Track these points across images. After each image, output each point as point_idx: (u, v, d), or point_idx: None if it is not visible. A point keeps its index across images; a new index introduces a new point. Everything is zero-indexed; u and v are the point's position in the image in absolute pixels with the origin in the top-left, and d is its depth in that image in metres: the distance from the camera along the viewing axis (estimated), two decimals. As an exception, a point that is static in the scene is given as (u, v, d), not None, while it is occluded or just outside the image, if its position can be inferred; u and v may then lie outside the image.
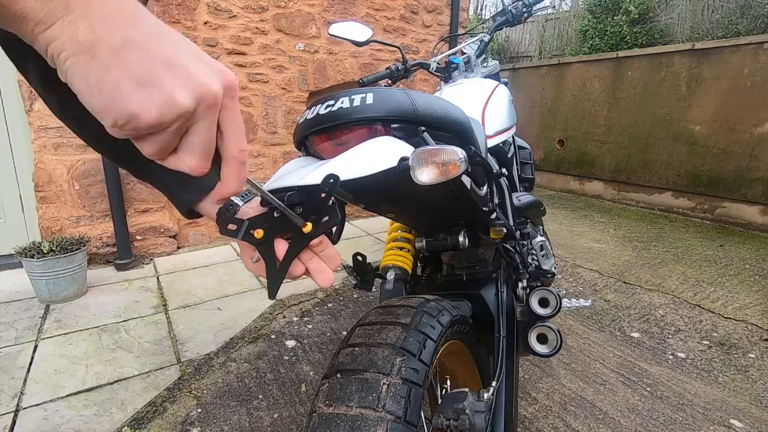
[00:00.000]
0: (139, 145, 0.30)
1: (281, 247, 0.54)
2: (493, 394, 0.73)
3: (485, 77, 1.48)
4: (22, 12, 0.24)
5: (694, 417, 1.43)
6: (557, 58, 5.54)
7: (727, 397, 1.54)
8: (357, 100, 0.61)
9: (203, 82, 0.29)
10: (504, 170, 1.19)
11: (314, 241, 0.50)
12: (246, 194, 0.57)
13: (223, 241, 3.13)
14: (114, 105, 0.26)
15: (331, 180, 0.50)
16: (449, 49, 2.03)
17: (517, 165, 1.48)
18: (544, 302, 0.96)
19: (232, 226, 0.54)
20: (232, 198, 0.53)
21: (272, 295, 0.54)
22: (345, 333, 1.69)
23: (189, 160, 0.31)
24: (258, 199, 0.57)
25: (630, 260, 2.81)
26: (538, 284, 1.03)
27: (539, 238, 1.23)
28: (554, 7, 6.91)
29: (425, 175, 0.56)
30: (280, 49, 3.15)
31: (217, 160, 0.35)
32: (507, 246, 1.02)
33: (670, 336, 1.94)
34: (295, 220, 0.50)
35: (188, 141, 0.31)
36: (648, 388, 1.58)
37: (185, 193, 0.53)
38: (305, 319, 2.06)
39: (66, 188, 2.53)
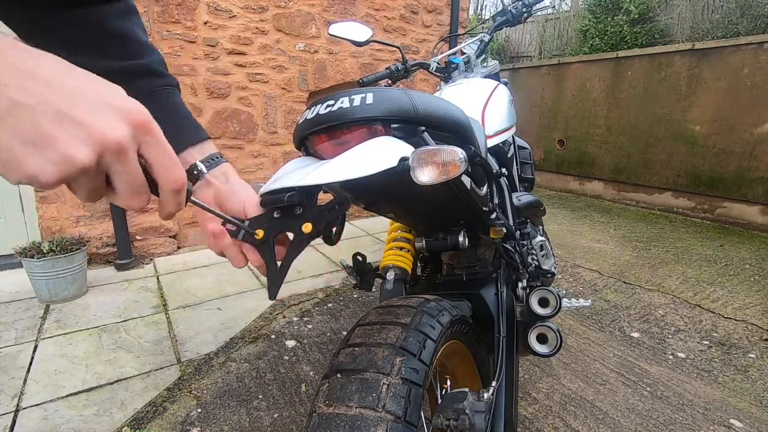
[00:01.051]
0: (70, 189, 0.30)
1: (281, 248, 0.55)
2: (493, 394, 0.73)
3: (485, 77, 1.48)
4: None
5: (694, 417, 1.43)
6: (557, 58, 5.54)
7: (727, 397, 1.54)
8: (357, 100, 0.61)
9: (101, 131, 0.27)
10: (504, 170, 1.19)
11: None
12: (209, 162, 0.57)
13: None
14: (11, 168, 0.25)
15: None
16: (449, 49, 2.04)
17: (517, 165, 1.48)
18: (544, 302, 0.96)
19: (231, 227, 0.54)
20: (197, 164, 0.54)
21: (272, 295, 0.54)
22: (345, 333, 1.69)
23: (122, 201, 0.32)
24: (258, 199, 0.57)
25: (630, 260, 2.81)
26: (538, 284, 1.03)
27: (539, 238, 1.23)
28: (554, 7, 6.91)
29: (425, 175, 0.56)
30: (280, 49, 3.15)
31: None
32: (507, 246, 1.02)
33: (670, 336, 1.94)
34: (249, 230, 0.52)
35: (114, 184, 0.31)
36: (648, 388, 1.58)
37: None
38: (305, 319, 2.06)
39: (66, 188, 2.53)
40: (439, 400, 0.73)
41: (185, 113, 0.57)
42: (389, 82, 1.54)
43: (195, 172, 0.54)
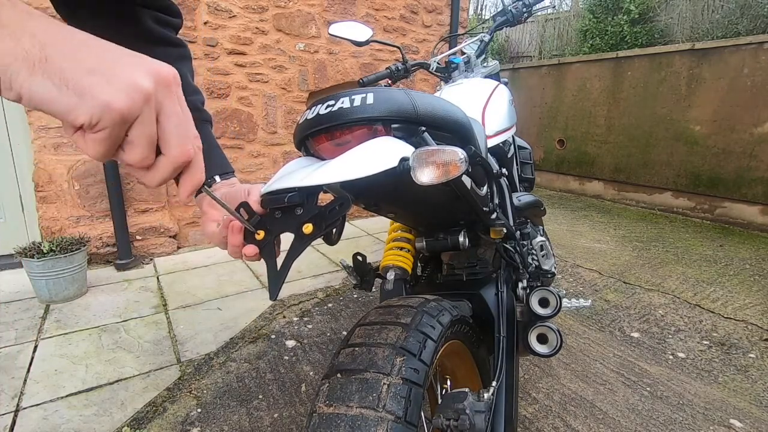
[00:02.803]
0: (87, 146, 0.31)
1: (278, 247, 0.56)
2: (493, 394, 0.73)
3: (485, 77, 1.48)
4: None
5: (694, 417, 1.43)
6: (557, 58, 5.54)
7: (727, 397, 1.54)
8: (357, 100, 0.61)
9: (155, 66, 0.32)
10: (504, 170, 1.19)
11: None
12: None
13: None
14: (84, 99, 0.28)
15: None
16: (449, 49, 2.03)
17: (517, 165, 1.48)
18: (544, 302, 0.96)
19: (244, 213, 0.54)
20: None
21: (273, 296, 0.54)
22: (345, 333, 1.69)
23: (136, 155, 0.33)
24: (257, 197, 0.57)
25: (630, 260, 2.81)
26: (538, 284, 1.03)
27: (539, 238, 1.23)
28: (554, 7, 6.90)
29: (426, 176, 0.56)
30: (280, 49, 3.15)
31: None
32: (507, 246, 1.02)
33: (670, 336, 1.94)
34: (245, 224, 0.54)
35: (132, 135, 0.32)
36: (648, 388, 1.58)
37: None
38: (305, 319, 2.06)
39: (66, 188, 2.53)
40: (440, 400, 0.73)
41: (215, 144, 0.65)
42: (389, 82, 1.54)
43: (208, 180, 0.61)
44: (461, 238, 0.91)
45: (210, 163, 0.60)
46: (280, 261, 0.54)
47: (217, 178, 0.64)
